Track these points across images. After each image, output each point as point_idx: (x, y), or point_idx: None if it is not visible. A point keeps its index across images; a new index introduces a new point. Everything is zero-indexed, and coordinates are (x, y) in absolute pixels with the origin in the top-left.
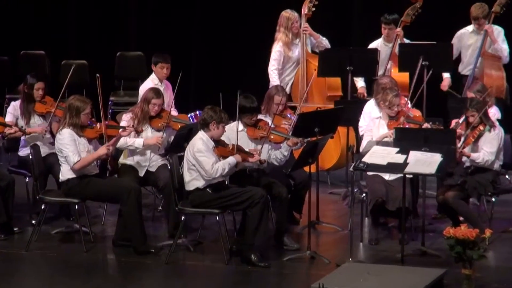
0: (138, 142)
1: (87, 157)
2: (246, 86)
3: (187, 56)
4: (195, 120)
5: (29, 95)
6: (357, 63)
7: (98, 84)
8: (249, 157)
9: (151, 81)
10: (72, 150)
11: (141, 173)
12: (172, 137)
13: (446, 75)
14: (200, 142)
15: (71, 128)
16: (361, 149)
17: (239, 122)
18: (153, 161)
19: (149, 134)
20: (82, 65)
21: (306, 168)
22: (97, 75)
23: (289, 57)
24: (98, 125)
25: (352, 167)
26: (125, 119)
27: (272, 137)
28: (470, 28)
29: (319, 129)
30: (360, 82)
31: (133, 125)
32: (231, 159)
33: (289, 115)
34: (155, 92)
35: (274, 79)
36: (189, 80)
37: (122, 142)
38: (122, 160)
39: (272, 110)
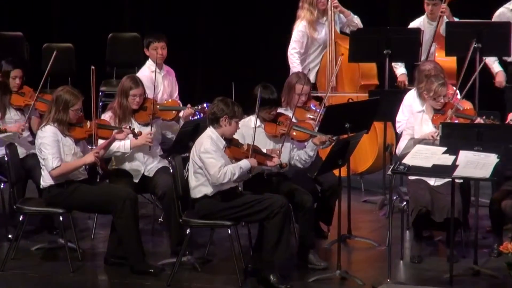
0: (125, 146)
1: (70, 163)
2: (263, 74)
3: (193, 37)
4: (201, 115)
5: (5, 84)
6: (396, 46)
7: (92, 78)
8: (267, 160)
9: (148, 68)
10: (52, 152)
11: (136, 179)
12: (168, 133)
13: (498, 68)
14: (209, 141)
15: (55, 125)
16: (397, 151)
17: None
18: (149, 165)
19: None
20: (67, 49)
21: (336, 172)
22: (92, 67)
23: (314, 39)
24: (88, 123)
25: (390, 170)
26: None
27: (294, 134)
28: (510, 5)
29: (350, 125)
30: (400, 69)
31: (129, 127)
32: (244, 163)
33: (313, 107)
34: (132, 81)
35: (294, 63)
36: (195, 66)
37: None
38: (113, 165)
39: (293, 101)
